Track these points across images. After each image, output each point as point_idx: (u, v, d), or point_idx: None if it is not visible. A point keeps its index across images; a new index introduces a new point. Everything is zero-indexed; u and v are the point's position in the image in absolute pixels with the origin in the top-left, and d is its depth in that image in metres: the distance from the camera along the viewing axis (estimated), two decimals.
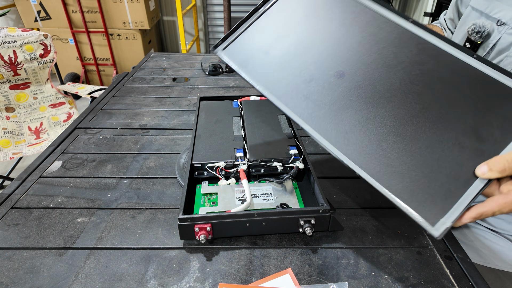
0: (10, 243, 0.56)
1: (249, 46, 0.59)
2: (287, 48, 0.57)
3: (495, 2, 0.62)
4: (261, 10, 0.60)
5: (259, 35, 0.59)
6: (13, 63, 1.52)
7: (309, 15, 0.59)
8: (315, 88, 0.53)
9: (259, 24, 0.60)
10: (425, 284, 0.50)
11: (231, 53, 0.59)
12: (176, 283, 0.49)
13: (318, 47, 0.56)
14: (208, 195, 0.62)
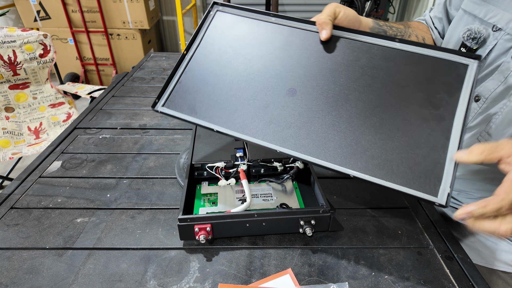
0: (10, 243, 0.56)
1: (191, 91, 0.58)
2: (230, 83, 0.58)
3: (489, 5, 0.59)
4: (188, 56, 0.61)
5: (196, 79, 0.59)
6: (12, 63, 1.52)
7: (238, 48, 0.61)
8: (274, 111, 0.54)
9: (192, 69, 0.60)
10: (426, 284, 0.50)
11: (174, 105, 0.58)
12: (176, 284, 0.49)
13: (259, 73, 0.58)
14: (208, 195, 0.62)
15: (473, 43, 0.60)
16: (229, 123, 0.55)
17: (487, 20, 0.59)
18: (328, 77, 0.56)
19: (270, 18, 0.61)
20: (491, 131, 0.60)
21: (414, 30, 0.75)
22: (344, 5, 0.67)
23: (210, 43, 0.62)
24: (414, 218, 0.62)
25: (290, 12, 3.33)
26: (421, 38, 0.75)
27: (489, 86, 0.60)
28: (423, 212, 0.63)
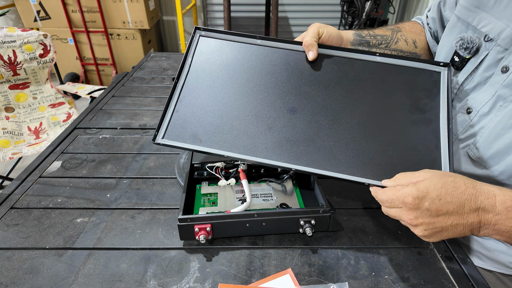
0: (10, 243, 0.56)
1: (189, 119, 0.57)
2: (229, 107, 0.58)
3: (482, 13, 0.57)
4: (179, 84, 0.60)
5: (192, 106, 0.59)
6: (12, 63, 1.52)
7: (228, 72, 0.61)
8: (280, 130, 0.57)
9: (187, 96, 0.59)
10: (426, 284, 0.50)
11: (174, 135, 0.56)
12: (176, 284, 0.49)
13: (256, 95, 0.59)
14: (208, 195, 0.62)
15: (465, 53, 0.59)
16: (237, 147, 0.55)
17: (480, 29, 0.57)
18: (322, 93, 0.59)
19: (255, 41, 0.63)
20: (478, 145, 0.57)
21: (403, 34, 0.74)
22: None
23: (199, 69, 0.62)
24: None
25: (290, 12, 3.33)
26: (411, 42, 0.75)
27: (480, 98, 0.57)
28: None
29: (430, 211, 0.43)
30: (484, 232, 0.44)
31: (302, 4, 3.30)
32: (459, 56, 0.60)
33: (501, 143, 0.54)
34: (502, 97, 0.54)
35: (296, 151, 0.55)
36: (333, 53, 0.62)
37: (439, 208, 0.43)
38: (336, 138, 0.56)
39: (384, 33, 0.73)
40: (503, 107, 0.54)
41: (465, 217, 0.43)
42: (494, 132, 0.55)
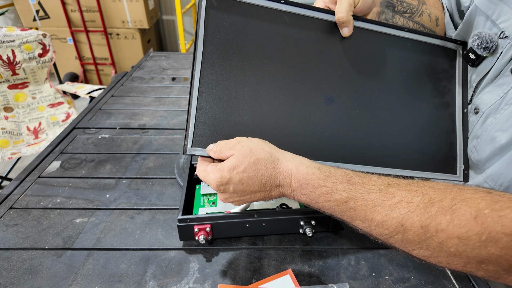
0: (9, 243, 0.55)
1: (217, 119, 0.49)
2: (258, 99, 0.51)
3: (504, 6, 0.52)
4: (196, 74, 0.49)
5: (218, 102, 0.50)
6: (11, 62, 1.52)
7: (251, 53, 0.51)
8: (321, 127, 0.52)
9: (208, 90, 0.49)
10: (426, 285, 0.49)
11: (205, 141, 0.48)
12: (176, 284, 0.49)
13: (287, 83, 0.52)
14: (207, 196, 0.62)
15: (484, 52, 0.54)
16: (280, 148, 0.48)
17: (498, 24, 0.53)
18: (356, 76, 0.55)
19: (278, 5, 0.52)
20: (478, 147, 0.55)
21: (428, 8, 0.69)
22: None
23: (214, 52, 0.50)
24: None
25: None
26: (434, 18, 0.69)
27: (486, 99, 0.54)
28: None
29: (236, 192, 0.46)
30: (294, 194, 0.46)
31: None
32: (476, 54, 0.56)
33: (493, 146, 0.52)
34: (508, 99, 0.51)
35: (346, 150, 0.52)
36: (365, 26, 0.55)
37: (244, 190, 0.46)
38: (379, 130, 0.54)
39: (411, 1, 0.67)
40: (503, 109, 0.51)
41: (268, 192, 0.46)
42: (490, 134, 0.53)
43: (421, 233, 0.36)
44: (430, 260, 0.38)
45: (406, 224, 0.37)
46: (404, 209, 0.37)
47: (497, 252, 0.33)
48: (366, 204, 0.40)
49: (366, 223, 0.40)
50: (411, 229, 0.37)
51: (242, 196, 0.47)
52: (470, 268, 0.36)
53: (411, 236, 0.37)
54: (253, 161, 0.45)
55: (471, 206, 0.35)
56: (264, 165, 0.45)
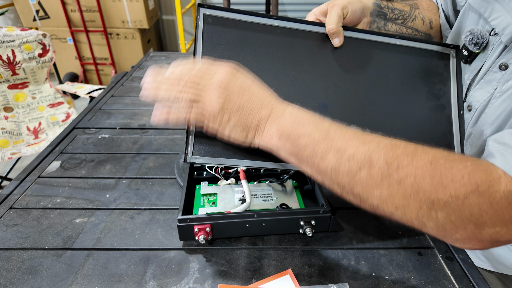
0: (9, 243, 0.55)
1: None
2: None
3: (495, 4, 0.53)
4: None
5: None
6: (11, 62, 1.52)
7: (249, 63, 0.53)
8: None
9: None
10: (426, 285, 0.49)
11: (205, 150, 0.50)
12: (175, 284, 0.49)
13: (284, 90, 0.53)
14: (207, 196, 0.62)
15: (475, 48, 0.56)
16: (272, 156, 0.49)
17: (490, 21, 0.54)
18: (349, 82, 0.57)
19: (271, 21, 0.55)
20: (471, 143, 0.57)
21: (421, 12, 0.70)
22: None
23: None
24: None
25: (290, 12, 3.33)
26: (428, 21, 0.70)
27: (478, 96, 0.56)
28: None
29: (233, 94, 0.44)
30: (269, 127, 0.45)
31: (303, 4, 3.30)
32: (468, 50, 0.57)
33: (482, 140, 0.53)
34: (496, 93, 0.52)
35: None
36: (356, 36, 0.58)
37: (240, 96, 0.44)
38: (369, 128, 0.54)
39: (403, 8, 0.69)
40: (491, 104, 0.52)
41: (258, 110, 0.44)
42: (480, 129, 0.54)
43: (384, 170, 0.38)
44: (387, 205, 0.39)
45: (373, 159, 0.39)
46: (373, 145, 0.40)
47: (444, 198, 0.36)
48: (342, 135, 0.42)
49: (338, 154, 0.41)
50: (376, 164, 0.39)
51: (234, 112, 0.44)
52: (422, 215, 0.38)
53: (375, 173, 0.39)
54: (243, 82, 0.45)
55: (430, 153, 0.39)
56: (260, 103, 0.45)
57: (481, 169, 0.36)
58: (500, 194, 0.35)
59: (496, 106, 0.51)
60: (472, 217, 0.36)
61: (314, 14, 0.59)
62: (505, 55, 0.51)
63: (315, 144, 0.42)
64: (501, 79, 0.51)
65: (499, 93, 0.51)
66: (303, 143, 0.42)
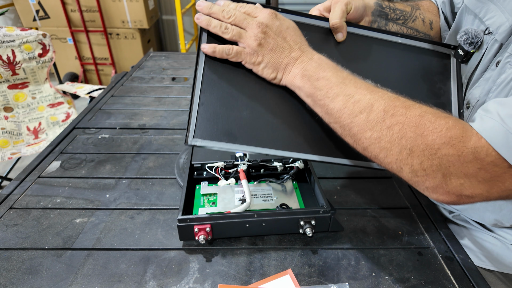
0: (9, 243, 0.55)
1: (219, 113, 0.51)
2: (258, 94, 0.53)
3: (490, 4, 0.55)
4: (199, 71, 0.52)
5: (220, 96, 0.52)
6: (11, 62, 1.52)
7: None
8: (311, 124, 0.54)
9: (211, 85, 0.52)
10: (426, 285, 0.49)
11: (206, 134, 0.50)
12: (176, 284, 0.49)
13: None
14: (207, 196, 0.62)
15: (470, 48, 0.58)
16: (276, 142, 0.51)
17: (485, 21, 0.56)
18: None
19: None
20: None
21: (422, 13, 0.71)
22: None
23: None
24: (414, 218, 0.62)
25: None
26: (428, 22, 0.72)
27: (476, 94, 0.57)
28: (423, 213, 0.63)
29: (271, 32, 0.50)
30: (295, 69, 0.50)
31: (302, 4, 3.30)
32: (463, 50, 0.59)
33: None
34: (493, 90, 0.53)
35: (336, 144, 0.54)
36: (358, 32, 0.60)
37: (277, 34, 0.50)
38: None
39: (404, 8, 0.70)
40: (488, 98, 0.54)
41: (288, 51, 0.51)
42: None
43: (380, 115, 0.44)
44: (374, 146, 0.45)
45: (374, 106, 0.45)
46: (378, 95, 0.46)
47: (421, 146, 0.41)
48: (355, 84, 0.48)
49: (346, 98, 0.47)
50: (375, 110, 0.44)
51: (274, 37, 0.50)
52: (400, 160, 0.43)
53: (373, 117, 0.44)
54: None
55: (422, 108, 0.44)
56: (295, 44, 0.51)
57: (459, 127, 0.41)
58: (467, 149, 0.40)
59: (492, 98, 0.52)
60: (441, 167, 0.41)
61: (318, 10, 0.61)
62: (502, 53, 0.52)
63: (330, 87, 0.47)
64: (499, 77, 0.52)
65: (495, 87, 0.53)
66: (320, 85, 0.48)
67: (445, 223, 0.61)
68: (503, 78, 0.51)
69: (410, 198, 0.67)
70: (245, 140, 0.51)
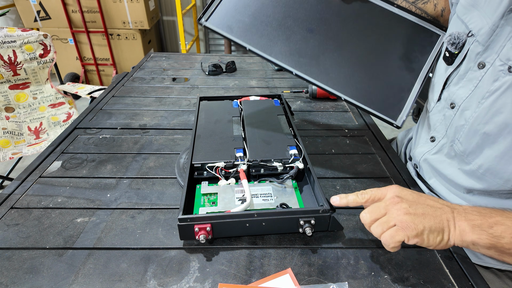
0: (10, 243, 0.56)
1: (230, 12, 0.67)
2: (264, 9, 0.68)
3: (475, 11, 0.59)
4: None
5: (235, 1, 0.68)
6: (12, 63, 1.52)
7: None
8: (296, 41, 0.68)
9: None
10: (425, 284, 0.50)
11: (215, 22, 0.66)
12: (176, 283, 0.49)
13: (291, 7, 0.69)
14: (208, 195, 0.62)
15: (452, 48, 0.61)
16: (257, 44, 0.66)
17: (468, 25, 0.59)
18: (339, 24, 0.70)
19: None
20: (461, 140, 0.59)
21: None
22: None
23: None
24: None
25: None
26: (440, 9, 0.75)
27: (461, 94, 0.60)
28: None
29: (410, 201, 0.48)
30: (459, 223, 0.46)
31: None
32: (449, 52, 0.62)
33: (479, 137, 0.56)
34: (480, 93, 0.55)
35: (302, 61, 0.66)
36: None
37: (417, 201, 0.48)
38: (336, 60, 0.67)
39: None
40: (480, 103, 0.55)
41: (440, 209, 0.47)
42: (473, 127, 0.57)
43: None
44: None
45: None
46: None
47: None
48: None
49: None
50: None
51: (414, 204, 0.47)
52: None
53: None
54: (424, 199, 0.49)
55: None
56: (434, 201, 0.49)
57: None
58: None
59: (488, 106, 0.54)
60: None
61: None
62: (482, 54, 0.55)
63: (511, 232, 0.44)
64: (481, 77, 0.56)
65: (488, 93, 0.54)
66: (498, 232, 0.44)
67: None
68: (497, 86, 0.52)
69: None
70: (238, 36, 0.65)
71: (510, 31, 0.51)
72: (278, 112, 0.83)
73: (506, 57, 0.51)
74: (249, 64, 1.41)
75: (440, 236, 0.46)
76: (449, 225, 0.46)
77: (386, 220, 0.47)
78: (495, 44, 0.53)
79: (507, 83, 0.51)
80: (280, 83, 1.22)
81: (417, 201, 0.48)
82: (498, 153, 0.54)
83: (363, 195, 0.51)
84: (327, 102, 1.07)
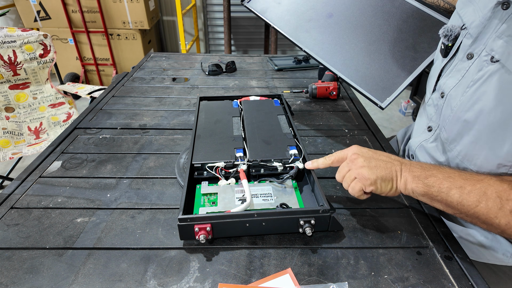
0: (10, 243, 0.56)
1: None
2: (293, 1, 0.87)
3: (471, 6, 0.61)
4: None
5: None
6: (12, 63, 1.52)
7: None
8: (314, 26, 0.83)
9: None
10: (425, 284, 0.50)
11: (253, 4, 0.89)
12: (176, 283, 0.49)
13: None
14: (208, 195, 0.62)
15: (445, 40, 0.63)
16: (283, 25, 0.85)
17: (463, 19, 0.61)
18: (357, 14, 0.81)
19: None
20: (446, 127, 0.62)
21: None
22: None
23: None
24: (413, 218, 0.62)
25: None
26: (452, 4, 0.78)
27: (449, 83, 0.62)
28: (422, 212, 0.63)
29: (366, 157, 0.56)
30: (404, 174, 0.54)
31: None
32: (443, 44, 0.64)
33: (459, 125, 0.59)
34: (465, 83, 0.58)
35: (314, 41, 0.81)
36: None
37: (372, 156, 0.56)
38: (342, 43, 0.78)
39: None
40: (465, 92, 0.58)
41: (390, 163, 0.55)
42: (456, 114, 0.59)
43: (497, 202, 0.47)
44: (509, 231, 0.48)
45: (487, 193, 0.48)
46: (485, 182, 0.49)
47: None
48: (460, 176, 0.51)
49: (460, 190, 0.50)
50: (490, 197, 0.47)
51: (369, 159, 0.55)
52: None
53: (491, 204, 0.47)
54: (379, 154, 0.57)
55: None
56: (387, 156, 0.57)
57: None
58: None
59: (470, 94, 0.56)
60: None
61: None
62: (472, 45, 0.58)
63: (440, 183, 0.51)
64: (469, 67, 0.58)
65: (472, 82, 0.56)
66: (431, 182, 0.52)
67: (443, 222, 0.61)
68: (480, 75, 0.55)
69: (409, 198, 0.67)
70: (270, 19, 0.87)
71: (497, 23, 0.53)
72: (278, 112, 0.83)
73: (490, 47, 0.54)
74: (249, 64, 1.41)
75: (390, 184, 0.54)
76: (397, 175, 0.54)
77: (349, 175, 0.56)
78: (483, 36, 0.56)
79: (488, 72, 0.53)
80: (280, 83, 1.22)
81: (372, 156, 0.56)
82: (473, 139, 0.57)
83: (329, 157, 0.60)
84: (327, 102, 1.07)
